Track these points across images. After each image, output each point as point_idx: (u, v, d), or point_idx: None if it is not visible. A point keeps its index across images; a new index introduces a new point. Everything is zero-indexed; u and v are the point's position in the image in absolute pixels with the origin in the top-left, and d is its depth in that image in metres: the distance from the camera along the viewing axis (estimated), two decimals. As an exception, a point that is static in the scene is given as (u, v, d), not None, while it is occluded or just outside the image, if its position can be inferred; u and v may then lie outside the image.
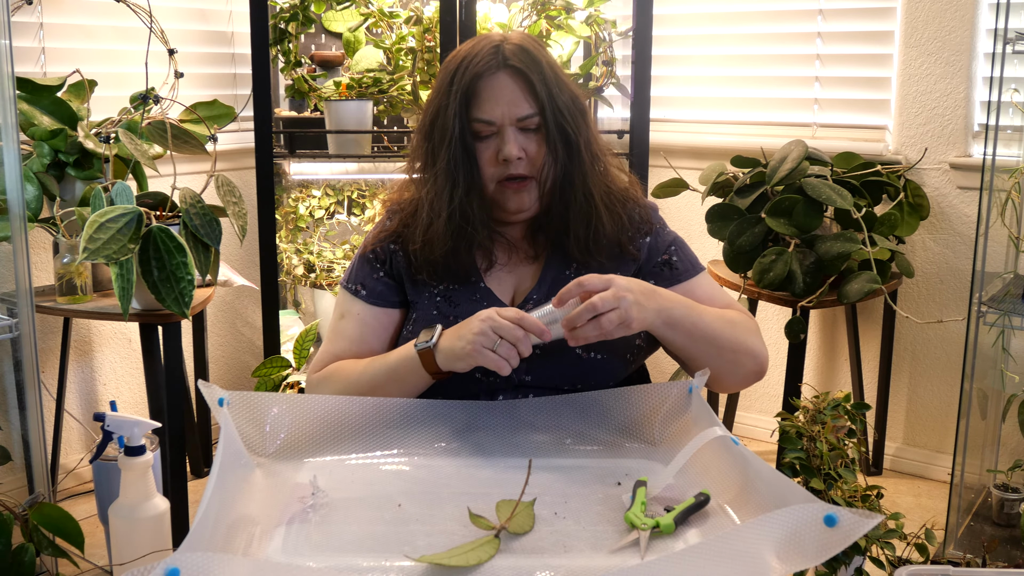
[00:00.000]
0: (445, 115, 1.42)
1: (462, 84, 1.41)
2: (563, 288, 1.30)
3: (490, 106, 1.41)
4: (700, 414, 1.32)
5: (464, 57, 1.43)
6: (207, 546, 0.98)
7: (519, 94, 1.41)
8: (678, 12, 3.17)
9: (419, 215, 1.47)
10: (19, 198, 1.93)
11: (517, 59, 1.41)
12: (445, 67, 1.47)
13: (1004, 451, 2.45)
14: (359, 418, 1.33)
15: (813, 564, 0.95)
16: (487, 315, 1.30)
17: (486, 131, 1.42)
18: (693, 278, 1.52)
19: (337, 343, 1.54)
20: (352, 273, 1.57)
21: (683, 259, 1.53)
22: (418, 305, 1.50)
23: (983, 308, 2.15)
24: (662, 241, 1.53)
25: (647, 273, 1.52)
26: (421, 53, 2.77)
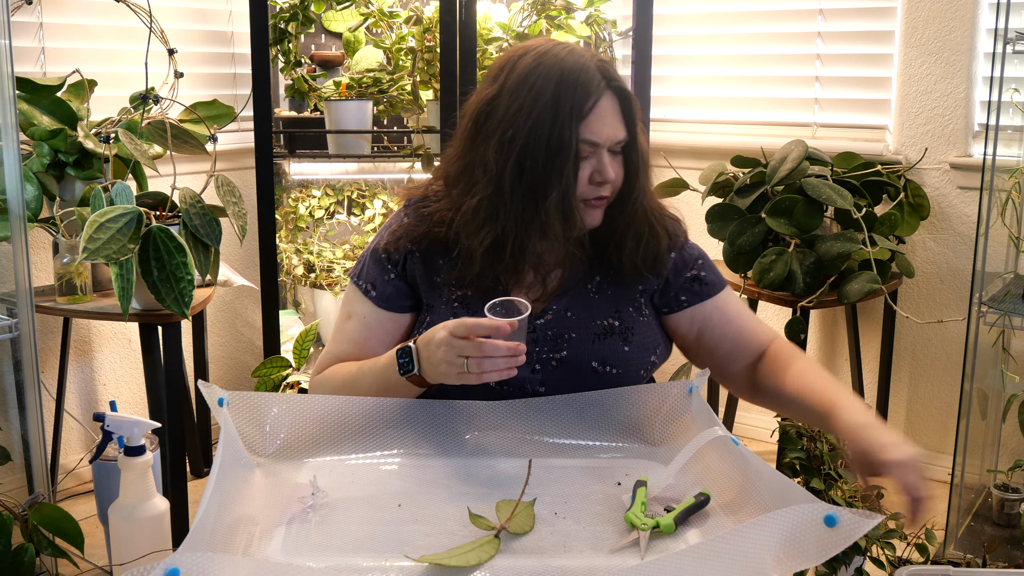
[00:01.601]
0: (553, 134, 1.34)
1: (574, 102, 1.34)
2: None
3: (598, 127, 1.36)
4: (700, 414, 1.32)
5: (566, 70, 1.36)
6: (207, 546, 0.98)
7: (618, 117, 1.38)
8: (678, 12, 3.17)
9: (476, 229, 1.39)
10: (19, 198, 1.93)
11: (617, 80, 1.39)
12: (536, 79, 1.36)
13: (1004, 451, 2.45)
14: (359, 418, 1.33)
15: (813, 564, 0.95)
16: (443, 339, 1.26)
17: (587, 152, 1.38)
18: (721, 293, 1.52)
19: (340, 344, 1.52)
20: (363, 269, 1.53)
21: (709, 273, 1.52)
22: (435, 309, 1.47)
23: (983, 308, 2.15)
24: (689, 256, 1.51)
25: (677, 289, 1.50)
26: (421, 53, 2.77)
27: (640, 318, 1.47)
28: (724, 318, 1.50)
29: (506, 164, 1.37)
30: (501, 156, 1.37)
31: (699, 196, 2.83)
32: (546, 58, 1.38)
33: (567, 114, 1.34)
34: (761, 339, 1.50)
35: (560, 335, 1.43)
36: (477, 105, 1.42)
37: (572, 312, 1.45)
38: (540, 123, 1.35)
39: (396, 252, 1.49)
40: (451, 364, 1.25)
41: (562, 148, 1.35)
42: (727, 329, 1.50)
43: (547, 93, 1.35)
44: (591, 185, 1.39)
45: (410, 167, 2.94)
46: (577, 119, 1.35)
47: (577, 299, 1.46)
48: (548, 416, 1.35)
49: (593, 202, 1.41)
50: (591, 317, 1.45)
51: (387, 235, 1.51)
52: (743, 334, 1.50)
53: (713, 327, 1.50)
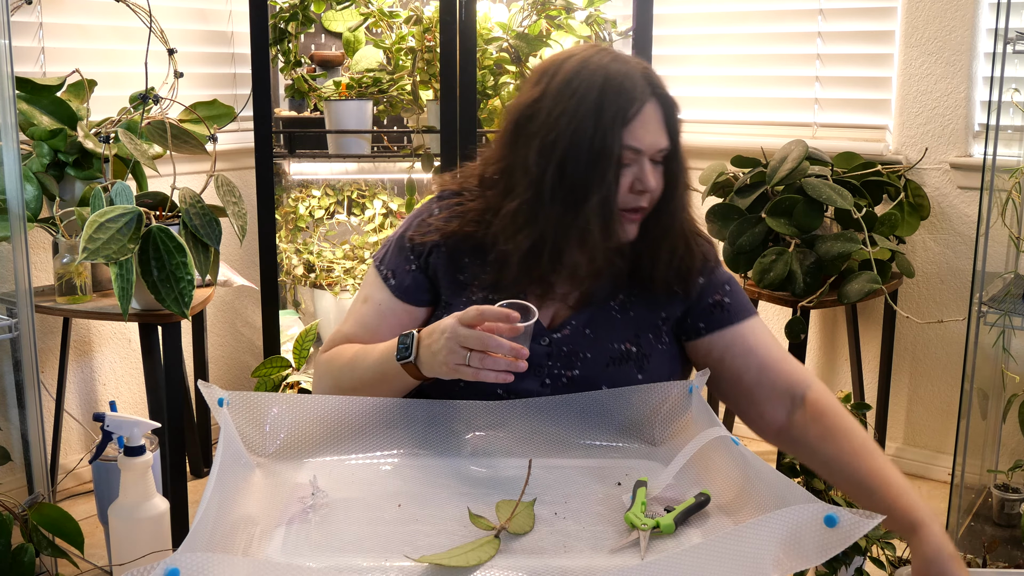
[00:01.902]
0: (596, 138, 1.31)
1: (618, 107, 1.32)
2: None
3: (642, 134, 1.33)
4: (700, 414, 1.31)
5: (611, 75, 1.33)
6: (207, 546, 0.98)
7: (661, 126, 1.35)
8: (678, 12, 3.17)
9: (514, 232, 1.37)
10: (19, 198, 1.93)
11: (662, 87, 1.35)
12: (580, 83, 1.34)
13: (1004, 451, 2.45)
14: (359, 418, 1.33)
15: (813, 564, 0.94)
16: (450, 326, 1.23)
17: (628, 159, 1.34)
18: (744, 321, 1.45)
19: (352, 326, 1.49)
20: (386, 255, 1.50)
21: (735, 301, 1.46)
22: (454, 308, 1.43)
23: (983, 308, 2.15)
24: (716, 280, 1.46)
25: (697, 314, 1.45)
26: (421, 53, 2.77)
27: (659, 346, 1.44)
28: (746, 348, 1.43)
29: (547, 168, 1.33)
30: (542, 159, 1.34)
31: (699, 196, 2.83)
32: (591, 62, 1.35)
33: (611, 118, 1.32)
34: (792, 379, 1.40)
35: (575, 352, 1.41)
36: (519, 108, 1.38)
37: (591, 330, 1.42)
38: (583, 127, 1.32)
39: (422, 244, 1.46)
40: (451, 353, 1.23)
41: (604, 153, 1.31)
42: (749, 360, 1.42)
43: (591, 97, 1.33)
44: (631, 194, 1.35)
45: (410, 167, 2.94)
46: (621, 124, 1.32)
47: (597, 316, 1.43)
48: (548, 416, 1.35)
49: (630, 214, 1.37)
50: (609, 339, 1.42)
51: (416, 224, 1.48)
52: (768, 370, 1.41)
53: (734, 356, 1.43)
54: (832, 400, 1.37)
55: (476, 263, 1.44)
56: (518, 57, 2.75)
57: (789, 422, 1.38)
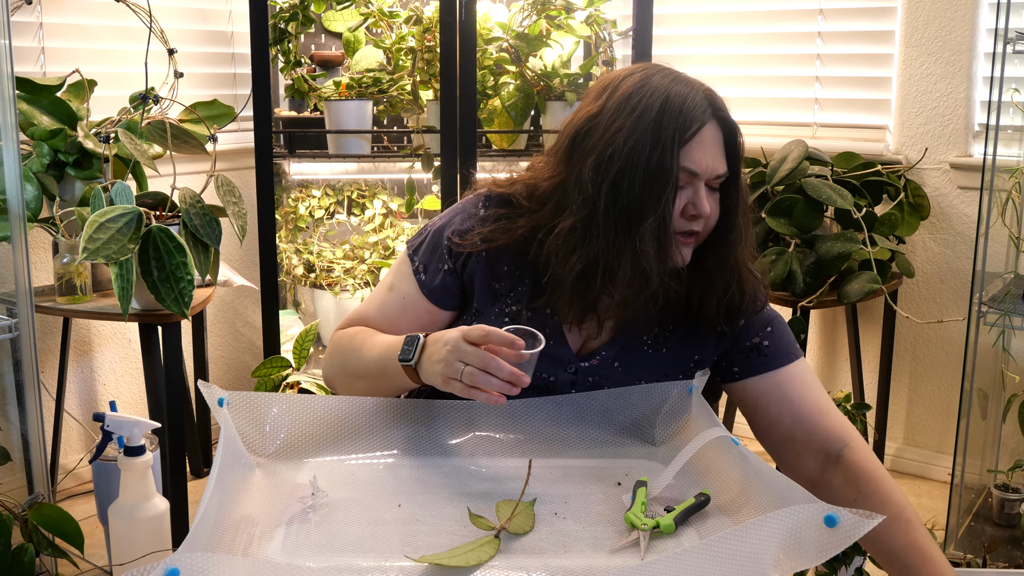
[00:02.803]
0: (654, 156, 1.27)
1: (678, 126, 1.27)
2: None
3: (699, 156, 1.28)
4: (700, 414, 1.31)
5: (672, 95, 1.29)
6: (207, 546, 0.98)
7: (721, 150, 1.31)
8: (678, 12, 3.17)
9: (568, 253, 1.31)
10: (19, 198, 1.93)
11: (724, 111, 1.31)
12: (640, 99, 1.29)
13: (1004, 451, 2.44)
14: (359, 418, 1.33)
15: (813, 564, 0.94)
16: (454, 339, 1.20)
17: (684, 181, 1.29)
18: (782, 368, 1.38)
19: (372, 311, 1.46)
20: (421, 246, 1.44)
21: (775, 344, 1.40)
22: (484, 316, 1.41)
23: (983, 308, 2.15)
24: (758, 321, 1.41)
25: (733, 357, 1.41)
26: (421, 53, 2.77)
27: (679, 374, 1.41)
28: (781, 398, 1.37)
29: (602, 185, 1.28)
30: (597, 176, 1.28)
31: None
32: (652, 80, 1.31)
33: (669, 138, 1.27)
34: (829, 435, 1.34)
35: (600, 385, 1.38)
36: (576, 123, 1.33)
37: (620, 364, 1.39)
38: (641, 145, 1.27)
39: (462, 246, 1.40)
40: (448, 365, 1.20)
41: (662, 172, 1.26)
42: (783, 411, 1.37)
43: (651, 115, 1.28)
44: (683, 218, 1.30)
45: (410, 167, 2.94)
46: (679, 144, 1.27)
47: (629, 351, 1.39)
48: (548, 416, 1.35)
49: (682, 238, 1.32)
50: (637, 375, 1.39)
51: (459, 223, 1.42)
52: (803, 422, 1.35)
53: (768, 405, 1.38)
54: (871, 461, 1.31)
55: (515, 274, 1.39)
56: (518, 57, 2.75)
57: (823, 480, 1.33)
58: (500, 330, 1.20)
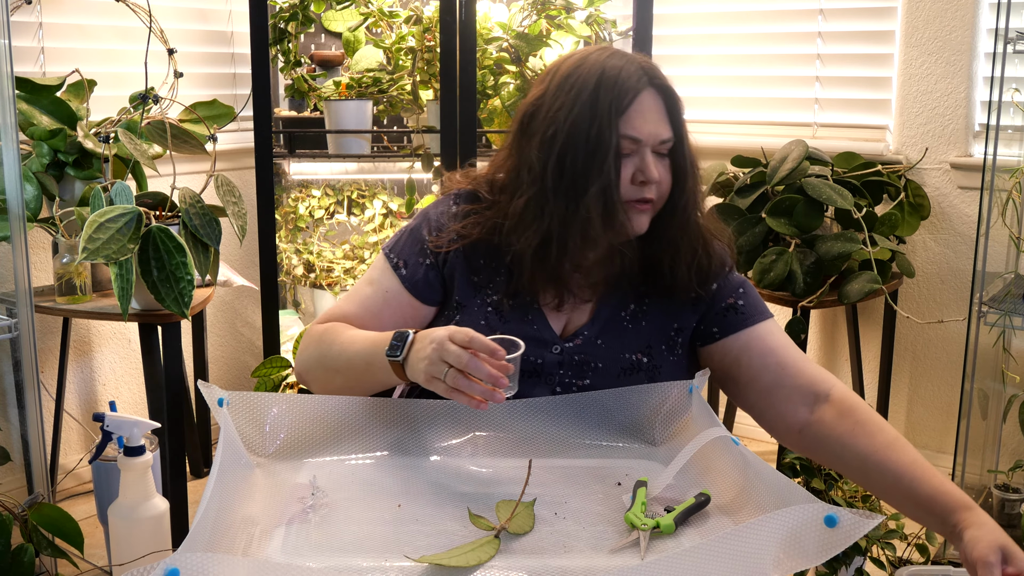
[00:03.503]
0: (592, 128, 1.32)
1: (613, 97, 1.32)
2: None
3: (639, 124, 1.33)
4: (700, 414, 1.31)
5: (607, 68, 1.34)
6: (207, 546, 0.98)
7: (662, 115, 1.35)
8: (678, 12, 3.17)
9: (523, 230, 1.37)
10: (18, 198, 1.93)
11: (661, 78, 1.36)
12: (577, 78, 1.35)
13: (1005, 451, 2.45)
14: (359, 418, 1.33)
15: (813, 564, 0.94)
16: (440, 338, 1.21)
17: (628, 149, 1.35)
18: (760, 323, 1.43)
19: (352, 306, 1.47)
20: (397, 244, 1.48)
21: (749, 303, 1.44)
22: (467, 309, 1.44)
23: (984, 308, 2.15)
24: (730, 284, 1.45)
25: (710, 319, 1.44)
26: (421, 53, 2.77)
27: (671, 357, 1.43)
28: (763, 349, 1.40)
29: (548, 162, 1.34)
30: (543, 155, 1.35)
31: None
32: (589, 59, 1.37)
33: (606, 109, 1.32)
34: (813, 379, 1.37)
35: (587, 362, 1.40)
36: (523, 108, 1.40)
37: (603, 340, 1.42)
38: (580, 119, 1.33)
39: (439, 244, 1.45)
40: (432, 364, 1.21)
41: (601, 142, 1.32)
42: (767, 361, 1.39)
43: (588, 90, 1.34)
44: (634, 185, 1.35)
45: (410, 167, 2.94)
46: (616, 113, 1.32)
47: (610, 327, 1.42)
48: (548, 416, 1.35)
49: (638, 205, 1.36)
50: (621, 349, 1.41)
51: (434, 221, 1.47)
52: (787, 369, 1.38)
53: (751, 358, 1.41)
54: (858, 398, 1.34)
55: (491, 266, 1.44)
56: (518, 57, 2.75)
57: (815, 419, 1.34)
58: (484, 338, 1.20)
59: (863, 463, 1.27)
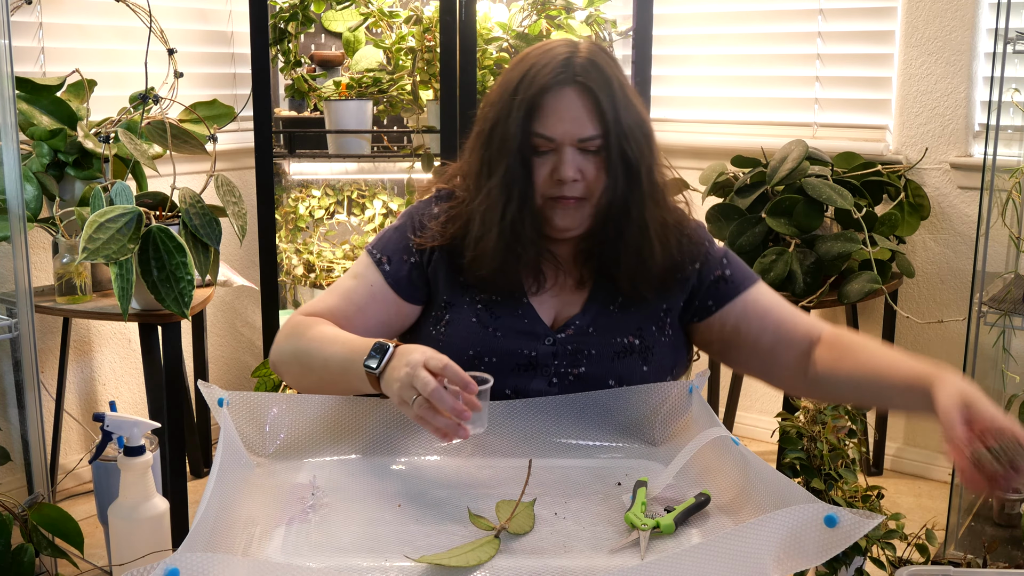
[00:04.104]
0: (506, 125, 1.34)
1: (527, 95, 1.32)
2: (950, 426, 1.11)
3: (553, 122, 1.32)
4: (700, 414, 1.32)
5: (532, 65, 1.35)
6: (206, 546, 0.98)
7: (584, 113, 1.32)
8: (678, 12, 3.17)
9: (471, 228, 1.40)
10: (18, 198, 1.93)
11: (586, 75, 1.32)
12: (510, 72, 1.37)
13: (1004, 451, 2.44)
14: (358, 418, 1.33)
15: (814, 564, 0.94)
16: (415, 363, 1.17)
17: (545, 147, 1.34)
18: (751, 288, 1.44)
19: (337, 299, 1.44)
20: (381, 241, 1.48)
21: (736, 271, 1.45)
22: (456, 308, 1.44)
23: (984, 308, 2.15)
24: (713, 259, 1.45)
25: (703, 295, 1.44)
26: (421, 53, 2.77)
27: (662, 338, 1.43)
28: (761, 310, 1.43)
29: (480, 160, 1.38)
30: (475, 152, 1.40)
31: (699, 196, 2.83)
32: (530, 55, 1.37)
33: (519, 107, 1.33)
34: (808, 328, 1.41)
35: (580, 350, 1.40)
36: (480, 107, 1.44)
37: (594, 329, 1.42)
38: (501, 117, 1.35)
39: (423, 244, 1.45)
40: (404, 388, 1.17)
41: (515, 140, 1.33)
42: (766, 321, 1.42)
43: (510, 87, 1.35)
44: (552, 183, 1.35)
45: (410, 167, 2.94)
46: (527, 112, 1.33)
47: (600, 317, 1.42)
48: (548, 416, 1.35)
49: (560, 202, 1.36)
50: (613, 334, 1.41)
51: (416, 221, 1.47)
52: (785, 324, 1.41)
53: (750, 321, 1.42)
54: (843, 331, 1.39)
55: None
56: (518, 57, 2.75)
57: (813, 360, 1.37)
58: (458, 368, 1.17)
59: (856, 383, 1.33)
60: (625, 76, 1.40)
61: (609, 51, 1.43)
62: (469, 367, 1.38)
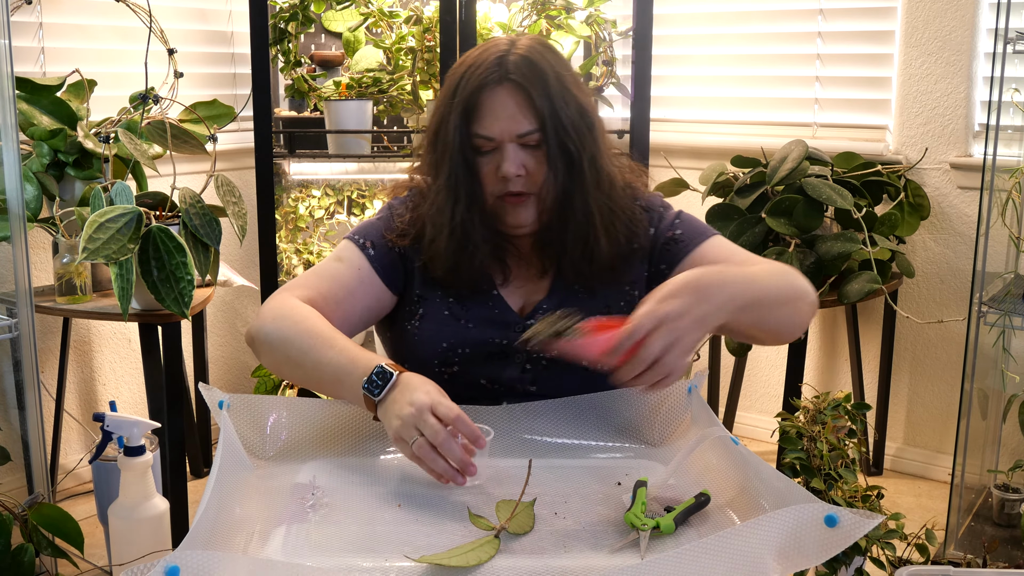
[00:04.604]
0: (446, 128, 1.37)
1: (463, 97, 1.35)
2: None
3: (490, 121, 1.35)
4: (700, 414, 1.32)
5: (469, 67, 1.37)
6: (206, 546, 0.98)
7: (519, 109, 1.34)
8: (678, 12, 3.17)
9: (424, 231, 1.43)
10: (19, 198, 1.93)
11: (519, 72, 1.34)
12: (450, 75, 1.41)
13: (1004, 451, 2.44)
14: (359, 419, 1.33)
15: (814, 564, 0.95)
16: (422, 405, 1.15)
17: (487, 146, 1.36)
18: (701, 244, 1.43)
19: (324, 281, 1.41)
20: (364, 229, 1.49)
21: (687, 229, 1.45)
22: (428, 302, 1.44)
23: (984, 308, 2.15)
24: (665, 223, 1.46)
25: (657, 259, 1.45)
26: (421, 53, 2.77)
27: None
28: (709, 264, 1.38)
29: (431, 167, 1.42)
30: (424, 160, 1.43)
31: (699, 196, 2.83)
32: (469, 56, 1.39)
33: (455, 109, 1.36)
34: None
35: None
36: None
37: (563, 311, 1.42)
38: (442, 119, 1.38)
39: (396, 242, 1.47)
40: (405, 427, 1.16)
41: (454, 142, 1.36)
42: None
43: (449, 90, 1.38)
44: (498, 180, 1.37)
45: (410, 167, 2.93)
46: (463, 113, 1.35)
47: (568, 299, 1.43)
48: (548, 418, 1.35)
49: (509, 199, 1.38)
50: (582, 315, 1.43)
51: (393, 216, 1.49)
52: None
53: None
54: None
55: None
56: (518, 57, 2.75)
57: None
58: (469, 421, 1.16)
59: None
60: (568, 67, 1.41)
61: (549, 44, 1.43)
62: (443, 359, 1.41)
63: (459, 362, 1.42)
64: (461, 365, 1.42)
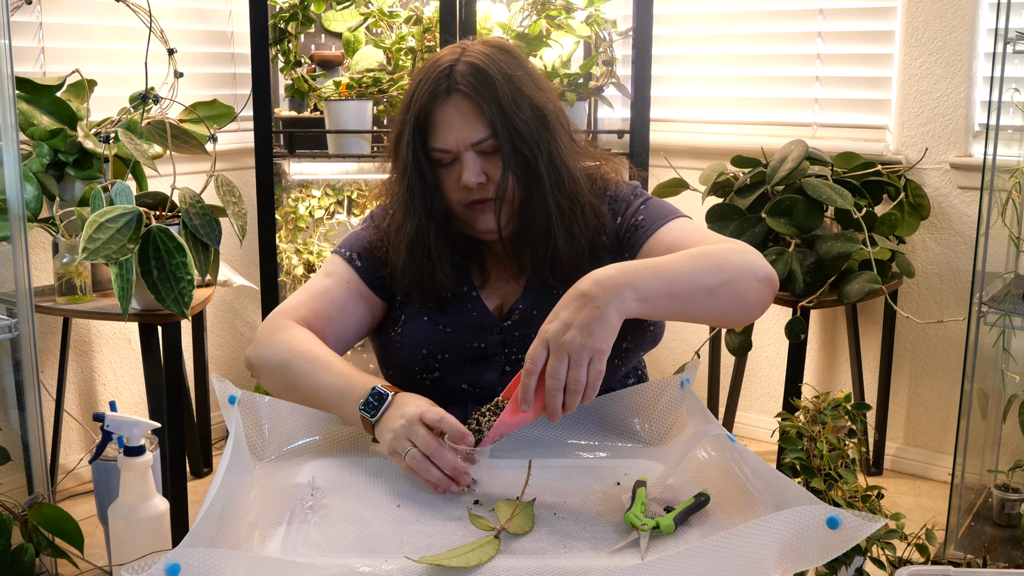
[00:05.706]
0: (402, 144, 1.38)
1: (415, 112, 1.36)
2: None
3: (444, 134, 1.35)
4: (695, 409, 1.32)
5: (419, 82, 1.37)
6: (207, 544, 0.98)
7: (470, 119, 1.34)
8: (678, 12, 3.17)
9: (395, 242, 1.44)
10: (19, 198, 1.93)
11: (466, 82, 1.34)
12: (408, 89, 1.40)
13: (1005, 451, 2.44)
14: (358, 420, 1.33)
15: (814, 565, 0.95)
16: (411, 416, 1.18)
17: (446, 158, 1.36)
18: (660, 229, 1.39)
19: (316, 299, 1.43)
20: (349, 241, 1.51)
21: (649, 213, 1.42)
22: (408, 307, 1.45)
23: (984, 308, 2.15)
24: (630, 211, 1.44)
25: (622, 248, 1.43)
26: (421, 53, 2.77)
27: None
28: (663, 249, 1.35)
29: (389, 181, 1.45)
30: (391, 177, 1.45)
31: (699, 196, 2.83)
32: (423, 67, 1.40)
33: (409, 123, 1.37)
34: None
35: (527, 335, 1.40)
36: None
37: (538, 310, 1.41)
38: (401, 133, 1.39)
39: (377, 252, 1.48)
40: (397, 439, 1.18)
41: (408, 158, 1.37)
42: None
43: (405, 105, 1.39)
44: (462, 190, 1.37)
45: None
46: (417, 129, 1.36)
47: (542, 297, 1.42)
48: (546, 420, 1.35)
49: (475, 207, 1.38)
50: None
51: (374, 226, 1.51)
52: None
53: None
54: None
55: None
56: (518, 57, 2.75)
57: None
58: (454, 421, 1.18)
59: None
60: (523, 67, 1.39)
61: (505, 46, 1.42)
62: (423, 365, 1.42)
63: (439, 367, 1.42)
64: (441, 371, 1.42)
